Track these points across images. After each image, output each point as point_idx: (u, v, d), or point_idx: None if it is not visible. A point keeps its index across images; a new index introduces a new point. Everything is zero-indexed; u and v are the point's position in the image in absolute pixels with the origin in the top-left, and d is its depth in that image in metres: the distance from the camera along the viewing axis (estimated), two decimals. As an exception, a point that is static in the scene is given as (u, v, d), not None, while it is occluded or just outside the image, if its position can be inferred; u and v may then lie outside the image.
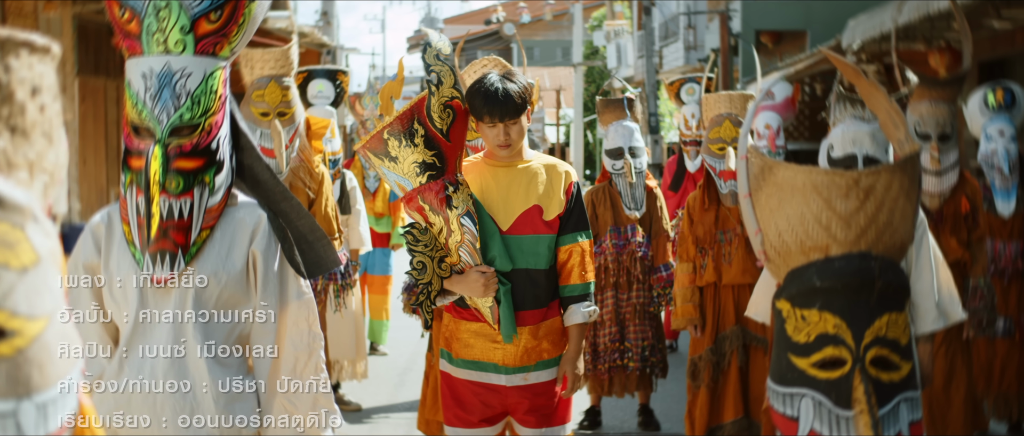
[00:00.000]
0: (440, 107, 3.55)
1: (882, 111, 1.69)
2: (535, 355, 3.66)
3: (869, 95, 1.72)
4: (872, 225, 1.51)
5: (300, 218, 2.62)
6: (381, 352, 8.73)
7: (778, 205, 1.59)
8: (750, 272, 5.29)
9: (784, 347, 1.55)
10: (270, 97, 4.66)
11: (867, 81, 1.70)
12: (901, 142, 1.65)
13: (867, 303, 1.49)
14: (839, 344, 1.48)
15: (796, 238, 1.57)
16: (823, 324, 1.51)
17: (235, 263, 2.55)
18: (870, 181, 1.52)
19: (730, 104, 5.52)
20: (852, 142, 4.10)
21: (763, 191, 1.62)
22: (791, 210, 1.57)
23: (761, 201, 1.62)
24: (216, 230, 2.54)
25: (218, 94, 2.49)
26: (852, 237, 1.52)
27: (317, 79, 6.77)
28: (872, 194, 1.51)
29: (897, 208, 1.51)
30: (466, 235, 3.55)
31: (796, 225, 1.56)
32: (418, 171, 3.55)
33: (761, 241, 1.61)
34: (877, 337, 1.48)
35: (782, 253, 1.59)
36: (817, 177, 1.54)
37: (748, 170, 1.63)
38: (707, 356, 5.32)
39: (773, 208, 1.60)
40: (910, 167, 1.55)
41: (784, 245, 1.59)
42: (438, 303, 3.66)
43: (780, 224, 1.58)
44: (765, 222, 1.61)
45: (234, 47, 2.52)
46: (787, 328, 1.55)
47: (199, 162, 2.47)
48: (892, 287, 1.50)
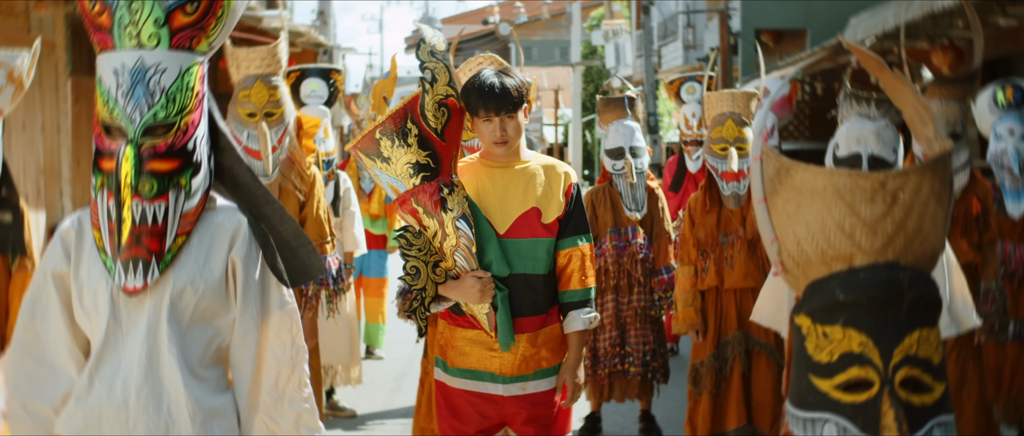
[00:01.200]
0: (434, 105, 3.42)
1: (909, 106, 1.55)
2: (533, 364, 3.53)
3: (894, 89, 1.58)
4: (900, 232, 1.38)
5: (283, 223, 2.47)
6: (377, 356, 8.59)
7: (796, 211, 1.45)
8: (752, 276, 5.16)
9: (804, 367, 1.41)
10: (256, 97, 4.52)
11: (892, 74, 1.57)
12: (930, 140, 1.52)
13: (896, 318, 1.35)
14: (865, 364, 1.35)
15: (816, 247, 1.43)
16: (847, 342, 1.38)
17: (213, 271, 2.40)
18: (898, 184, 1.38)
19: (732, 103, 5.38)
20: (857, 141, 3.97)
21: (779, 195, 1.48)
22: (811, 216, 1.43)
23: (777, 206, 1.48)
24: (193, 236, 2.40)
25: (195, 91, 2.34)
26: (878, 246, 1.39)
27: (310, 78, 6.63)
28: (900, 198, 1.37)
29: (927, 213, 1.38)
30: (462, 239, 3.41)
31: (816, 232, 1.42)
32: (411, 172, 3.42)
33: (778, 250, 1.47)
34: (907, 356, 1.35)
35: (801, 263, 1.45)
36: (839, 180, 1.40)
37: (763, 172, 1.49)
38: (709, 362, 5.19)
39: (791, 214, 1.46)
40: (941, 168, 1.41)
41: (803, 254, 1.45)
42: (433, 310, 3.53)
43: (799, 231, 1.44)
44: (782, 229, 1.47)
45: (212, 41, 2.38)
46: (807, 346, 1.41)
47: (174, 163, 2.32)
48: (923, 300, 1.37)
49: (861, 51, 1.57)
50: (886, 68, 1.58)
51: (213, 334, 2.43)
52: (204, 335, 2.41)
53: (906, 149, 4.82)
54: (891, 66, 5.47)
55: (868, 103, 4.15)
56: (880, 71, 1.59)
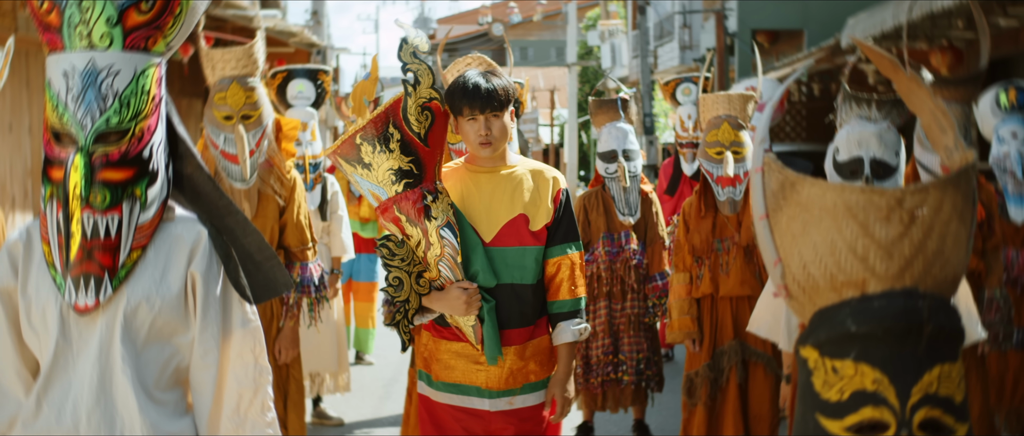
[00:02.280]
0: (417, 109, 3.26)
1: (926, 112, 1.40)
2: (521, 377, 3.38)
3: (909, 92, 1.43)
4: (919, 255, 1.23)
5: (246, 235, 2.31)
6: (367, 362, 8.44)
7: (802, 230, 1.30)
8: (748, 283, 5.01)
9: (811, 405, 1.26)
10: (233, 99, 4.35)
11: (907, 76, 1.42)
12: (949, 150, 1.37)
13: (914, 353, 1.20)
14: (880, 404, 1.20)
15: (825, 271, 1.28)
16: (860, 379, 1.22)
17: (171, 286, 2.24)
18: (916, 201, 1.23)
19: (729, 105, 5.23)
20: (858, 144, 3.82)
21: (784, 212, 1.33)
22: (819, 236, 1.28)
23: (781, 224, 1.33)
24: (149, 249, 2.23)
25: (151, 95, 2.18)
26: (895, 270, 1.23)
27: (297, 79, 6.47)
28: (919, 217, 1.22)
29: (949, 233, 1.23)
30: (446, 248, 3.26)
31: (825, 255, 1.27)
32: (394, 179, 3.26)
33: (781, 273, 1.31)
34: (927, 394, 1.20)
35: (808, 289, 1.30)
36: (851, 196, 1.24)
37: (764, 186, 1.34)
38: (704, 372, 5.04)
39: (796, 233, 1.31)
40: (963, 182, 1.26)
41: (810, 279, 1.29)
42: (416, 322, 3.38)
43: (805, 253, 1.29)
44: (786, 250, 1.31)
45: (170, 41, 2.22)
46: (814, 382, 1.26)
47: (128, 173, 2.16)
48: (944, 332, 1.22)
49: (874, 51, 1.42)
50: (901, 69, 1.43)
51: (171, 354, 2.26)
52: (161, 355, 2.25)
53: (907, 154, 4.67)
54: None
55: (869, 105, 4.00)
56: (894, 73, 1.44)
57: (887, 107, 3.97)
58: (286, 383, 4.56)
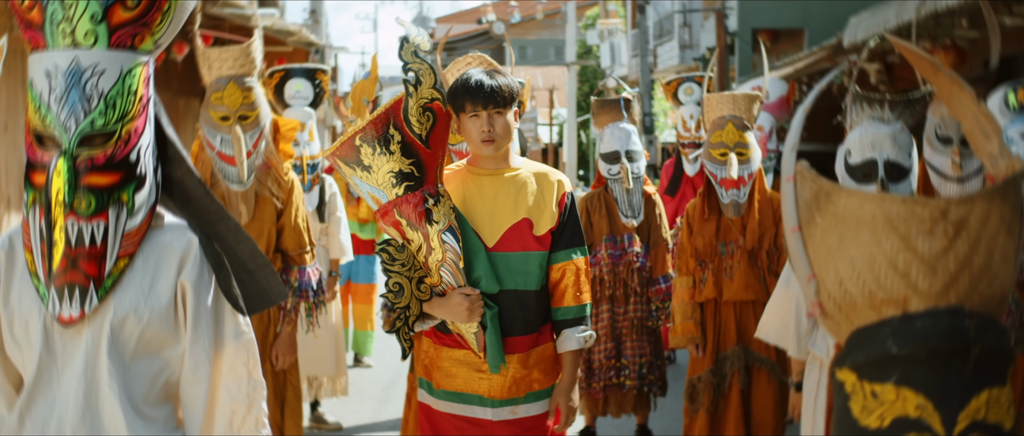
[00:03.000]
0: (419, 110, 3.17)
1: (969, 117, 1.31)
2: (524, 386, 3.28)
3: (950, 96, 1.34)
4: (965, 271, 1.14)
5: (239, 242, 2.21)
6: (365, 364, 8.35)
7: (838, 244, 1.21)
8: (753, 287, 4.92)
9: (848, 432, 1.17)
10: (230, 100, 4.25)
11: (948, 79, 1.33)
12: (994, 157, 1.28)
13: (960, 376, 1.11)
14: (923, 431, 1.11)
15: (863, 288, 1.18)
16: (902, 404, 1.13)
17: (160, 297, 2.13)
18: (961, 212, 1.14)
19: (733, 105, 5.13)
20: (871, 146, 3.73)
21: (818, 224, 1.23)
22: (856, 251, 1.19)
23: (815, 237, 1.23)
24: (137, 258, 2.13)
25: (138, 95, 2.08)
26: (938, 287, 1.14)
27: (295, 78, 6.37)
28: (964, 229, 1.13)
29: (996, 247, 1.14)
30: (448, 253, 3.17)
31: (863, 270, 1.18)
32: (394, 182, 3.17)
33: (815, 290, 1.22)
34: (974, 421, 1.11)
35: (844, 307, 1.21)
36: (892, 207, 1.15)
37: (797, 196, 1.25)
38: (707, 378, 4.95)
39: (832, 247, 1.22)
40: (1012, 192, 1.17)
41: (847, 296, 1.20)
42: (417, 329, 3.28)
43: (841, 269, 1.20)
44: (821, 265, 1.22)
45: (158, 39, 2.11)
46: (852, 407, 1.17)
47: (115, 177, 2.06)
48: (993, 354, 1.13)
49: (912, 51, 1.33)
50: (942, 71, 1.34)
51: (160, 368, 2.16)
52: (150, 369, 2.15)
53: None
54: (888, 67, 5.14)
55: (881, 105, 3.91)
56: (935, 75, 1.35)
57: (900, 108, 3.88)
58: (283, 389, 4.47)
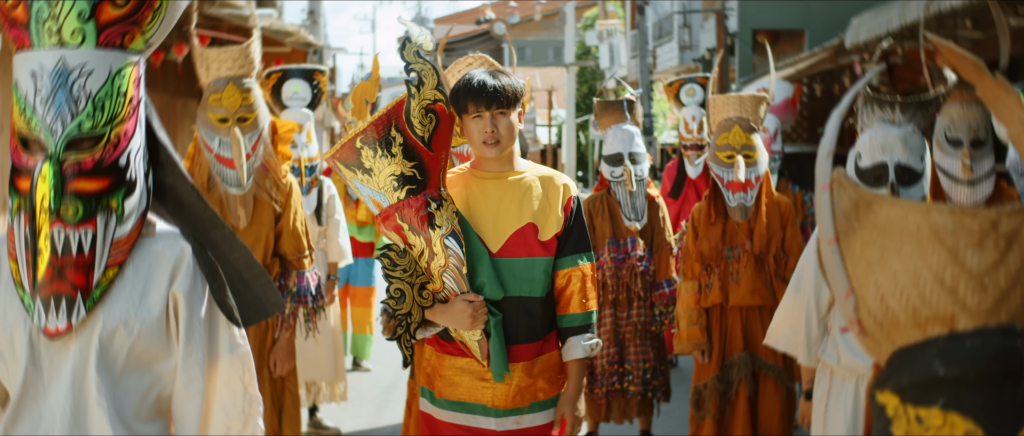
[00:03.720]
0: (421, 111, 3.08)
1: (1016, 121, 1.23)
2: (529, 395, 3.20)
3: (995, 100, 1.26)
4: (1017, 286, 1.06)
5: (234, 251, 2.12)
6: (364, 368, 8.26)
7: (880, 257, 1.12)
8: (760, 292, 4.84)
9: (890, 461, 1.09)
10: (228, 101, 4.16)
11: (993, 81, 1.25)
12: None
13: (1012, 400, 1.03)
14: (974, 459, 1.03)
15: (907, 304, 1.10)
16: (949, 430, 1.05)
17: (151, 308, 2.04)
18: (1014, 224, 1.06)
19: (739, 107, 5.05)
20: (882, 149, 3.65)
21: (857, 236, 1.15)
22: (900, 264, 1.10)
23: (855, 250, 1.15)
24: (127, 267, 2.04)
25: (128, 97, 1.98)
26: (989, 304, 1.06)
27: (292, 79, 6.28)
28: (1016, 242, 1.05)
29: (1050, 261, 1.06)
30: (451, 259, 3.08)
31: (907, 286, 1.10)
32: (396, 185, 3.08)
33: (854, 306, 1.14)
34: (1028, 449, 1.03)
35: (885, 325, 1.13)
36: (938, 218, 1.07)
37: (833, 205, 1.16)
38: (713, 385, 4.86)
39: (872, 260, 1.13)
40: (1065, 203, 1.09)
41: (889, 313, 1.12)
42: (419, 336, 3.20)
43: (883, 284, 1.12)
44: (860, 280, 1.14)
45: (149, 38, 2.02)
46: (895, 433, 1.08)
47: (103, 182, 1.96)
48: (1048, 376, 1.05)
49: (954, 51, 1.25)
50: (987, 73, 1.26)
51: (151, 382, 2.07)
52: (141, 384, 2.05)
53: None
54: (890, 68, 5.02)
55: (892, 107, 3.83)
56: (979, 77, 1.27)
57: (911, 109, 3.80)
58: (281, 396, 4.38)
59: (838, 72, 13.43)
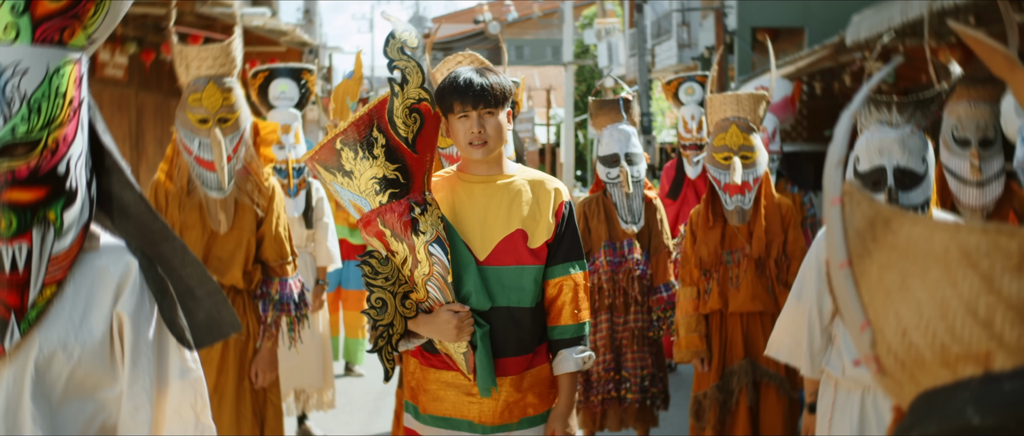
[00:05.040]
0: (405, 111, 2.92)
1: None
2: (518, 411, 3.04)
3: (1034, 99, 1.10)
4: (1063, 318, 0.90)
5: (186, 266, 1.95)
6: (357, 373, 8.11)
7: (901, 284, 0.97)
8: (760, 298, 4.68)
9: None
10: (209, 101, 4.00)
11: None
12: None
13: (1060, 454, 0.88)
14: (1015, 524, 0.88)
15: (934, 339, 0.95)
16: (986, 489, 0.89)
17: (93, 330, 1.87)
18: (1059, 245, 0.90)
19: (737, 106, 4.89)
20: (879, 152, 3.50)
21: (874, 259, 1.00)
22: (925, 293, 0.95)
23: (871, 275, 1.00)
24: (67, 285, 1.87)
25: (67, 98, 1.81)
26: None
27: (280, 78, 6.12)
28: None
29: (1099, 288, 0.91)
30: (435, 267, 2.92)
31: (933, 318, 0.94)
32: (377, 188, 2.92)
33: (871, 341, 0.99)
34: (1079, 512, 0.88)
35: (908, 364, 0.97)
36: (970, 238, 0.92)
37: (845, 223, 1.01)
38: (713, 394, 4.70)
39: (892, 288, 0.98)
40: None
41: (912, 350, 0.97)
42: (401, 348, 3.04)
43: (905, 315, 0.96)
44: (878, 311, 0.99)
45: (92, 34, 1.85)
46: (921, 492, 0.92)
47: (40, 192, 1.79)
48: (1101, 425, 0.90)
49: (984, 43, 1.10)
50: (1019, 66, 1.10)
51: (94, 411, 1.89)
52: (82, 413, 1.88)
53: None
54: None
55: (888, 108, 3.67)
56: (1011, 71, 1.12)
57: (909, 109, 3.65)
58: (263, 409, 4.22)
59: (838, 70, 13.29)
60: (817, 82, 15.68)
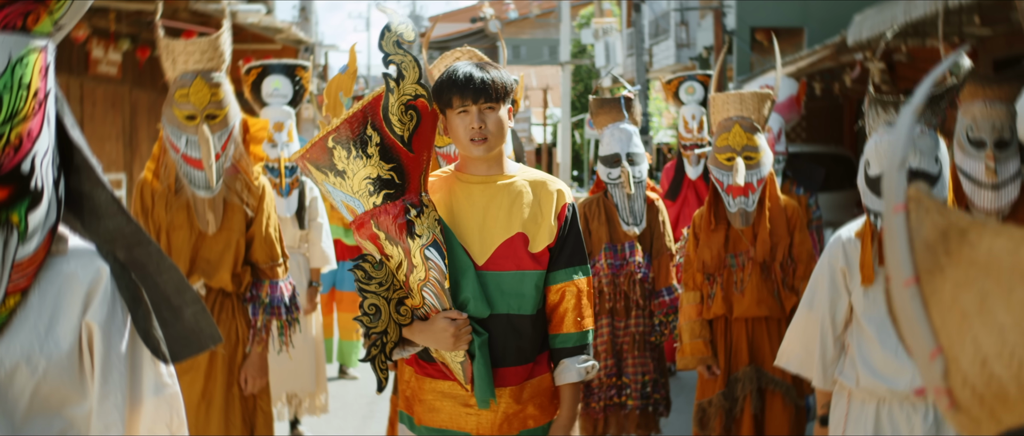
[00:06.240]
0: (400, 108, 2.78)
1: None
2: (518, 423, 2.90)
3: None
4: None
5: (162, 272, 1.80)
6: (351, 376, 7.97)
7: (980, 305, 0.84)
8: (766, 302, 4.54)
9: None
10: (196, 97, 3.85)
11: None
12: None
13: None
14: None
15: (1020, 371, 0.81)
16: None
17: (60, 342, 1.73)
18: None
19: (741, 106, 4.75)
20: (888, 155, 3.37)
21: (947, 276, 0.86)
22: (1008, 316, 0.81)
23: (944, 295, 0.86)
24: (32, 293, 1.73)
25: (32, 90, 1.66)
26: None
27: (273, 75, 5.98)
28: None
29: None
30: (432, 271, 2.78)
31: (1020, 345, 0.80)
32: (372, 189, 2.78)
33: (943, 371, 0.85)
34: None
35: (988, 398, 0.84)
36: (1062, 252, 0.77)
37: (912, 233, 0.87)
38: (718, 402, 4.57)
39: (969, 310, 0.85)
40: None
41: (993, 383, 0.83)
42: (395, 357, 2.90)
43: (985, 342, 0.83)
44: (952, 336, 0.85)
45: (59, 20, 1.70)
46: None
47: (2, 193, 1.65)
48: None
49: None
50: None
51: (61, 430, 1.75)
52: (48, 431, 1.73)
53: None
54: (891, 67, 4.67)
55: (896, 108, 3.55)
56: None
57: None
58: (253, 415, 4.07)
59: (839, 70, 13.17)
60: (818, 82, 15.57)
